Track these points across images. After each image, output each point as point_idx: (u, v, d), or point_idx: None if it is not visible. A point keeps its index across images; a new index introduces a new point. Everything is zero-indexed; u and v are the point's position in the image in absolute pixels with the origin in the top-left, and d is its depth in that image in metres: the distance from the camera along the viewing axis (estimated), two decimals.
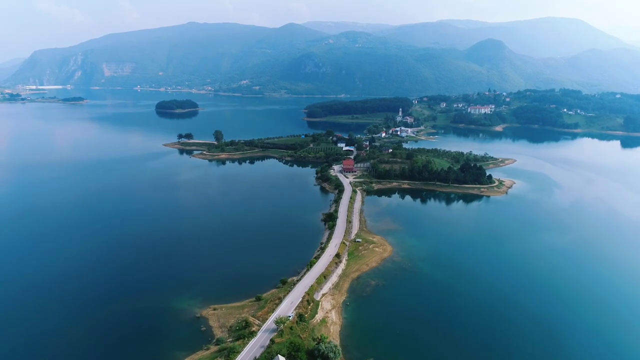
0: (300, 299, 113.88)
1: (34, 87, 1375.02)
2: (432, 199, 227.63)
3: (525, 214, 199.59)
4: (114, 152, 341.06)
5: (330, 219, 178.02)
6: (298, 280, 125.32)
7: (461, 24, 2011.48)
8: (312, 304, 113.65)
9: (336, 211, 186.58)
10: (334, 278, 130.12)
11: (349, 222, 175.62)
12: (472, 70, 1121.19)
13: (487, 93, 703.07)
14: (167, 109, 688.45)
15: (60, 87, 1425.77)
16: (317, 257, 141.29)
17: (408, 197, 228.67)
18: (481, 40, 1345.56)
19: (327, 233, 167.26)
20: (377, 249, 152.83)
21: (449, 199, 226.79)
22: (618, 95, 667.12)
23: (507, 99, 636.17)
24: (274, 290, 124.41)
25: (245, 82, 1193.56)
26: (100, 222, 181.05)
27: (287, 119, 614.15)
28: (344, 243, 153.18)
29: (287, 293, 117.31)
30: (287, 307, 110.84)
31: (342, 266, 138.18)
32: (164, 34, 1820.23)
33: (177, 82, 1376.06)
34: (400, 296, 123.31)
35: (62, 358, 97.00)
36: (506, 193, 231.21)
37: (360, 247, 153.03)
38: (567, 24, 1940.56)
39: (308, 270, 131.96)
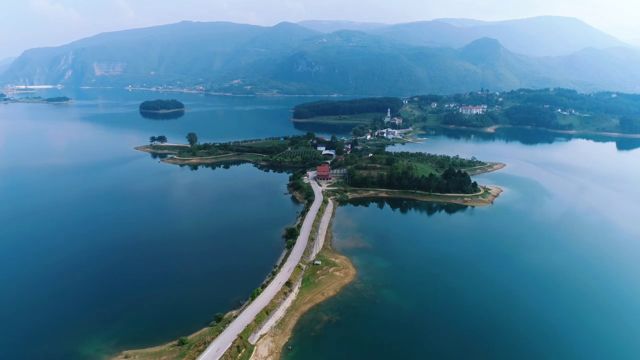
0: (230, 343, 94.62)
1: (23, 86, 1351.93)
2: (410, 210, 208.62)
3: (510, 228, 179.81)
4: (78, 158, 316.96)
5: (291, 236, 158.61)
6: (235, 317, 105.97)
7: (457, 22, 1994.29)
8: (243, 351, 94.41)
9: (299, 226, 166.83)
10: (279, 313, 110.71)
11: (312, 239, 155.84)
12: (466, 69, 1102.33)
13: (479, 93, 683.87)
14: (151, 109, 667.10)
15: (50, 86, 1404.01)
16: (265, 286, 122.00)
17: (385, 208, 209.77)
18: (476, 39, 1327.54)
19: (284, 253, 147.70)
20: (337, 273, 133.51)
21: (429, 210, 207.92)
22: (614, 95, 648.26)
23: (500, 99, 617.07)
24: (205, 329, 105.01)
25: (237, 81, 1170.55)
26: (30, 244, 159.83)
27: (274, 120, 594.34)
28: (299, 267, 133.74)
29: (216, 336, 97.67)
30: (212, 355, 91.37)
31: (292, 297, 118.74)
32: (157, 33, 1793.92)
33: (169, 81, 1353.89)
34: (355, 335, 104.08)
35: None
36: (492, 203, 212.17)
37: (318, 272, 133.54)
38: (563, 23, 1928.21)
39: (250, 303, 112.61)
